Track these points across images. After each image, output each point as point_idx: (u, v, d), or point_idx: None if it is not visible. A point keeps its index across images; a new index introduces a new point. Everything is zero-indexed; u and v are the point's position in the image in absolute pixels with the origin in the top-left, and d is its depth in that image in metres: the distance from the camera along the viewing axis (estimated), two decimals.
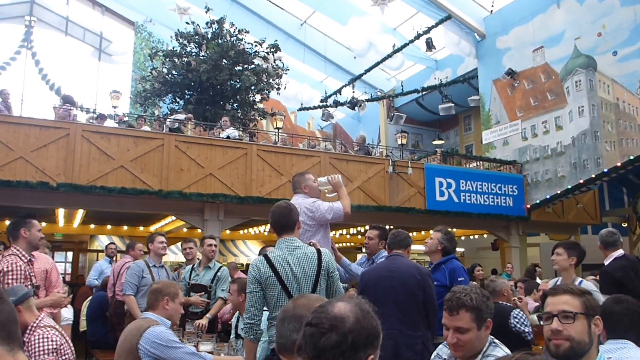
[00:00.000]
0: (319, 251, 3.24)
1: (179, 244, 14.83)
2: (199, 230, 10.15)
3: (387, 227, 11.74)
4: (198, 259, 6.07)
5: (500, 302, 4.41)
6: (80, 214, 11.33)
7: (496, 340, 2.35)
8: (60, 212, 11.16)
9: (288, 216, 3.25)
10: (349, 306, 1.41)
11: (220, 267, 5.77)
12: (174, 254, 15.95)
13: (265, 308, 3.20)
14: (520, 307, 4.54)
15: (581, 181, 11.15)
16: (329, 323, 1.36)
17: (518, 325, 4.20)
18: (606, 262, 4.75)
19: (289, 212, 3.26)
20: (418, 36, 14.44)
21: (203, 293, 5.47)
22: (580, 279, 3.83)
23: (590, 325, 2.04)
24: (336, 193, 4.30)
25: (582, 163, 11.29)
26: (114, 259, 8.95)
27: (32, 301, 2.88)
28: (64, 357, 2.66)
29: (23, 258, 3.88)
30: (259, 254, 3.49)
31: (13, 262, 3.80)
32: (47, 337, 2.63)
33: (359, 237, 15.37)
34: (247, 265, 16.71)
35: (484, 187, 11.75)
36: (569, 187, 11.43)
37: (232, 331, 4.70)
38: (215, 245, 5.89)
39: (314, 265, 3.15)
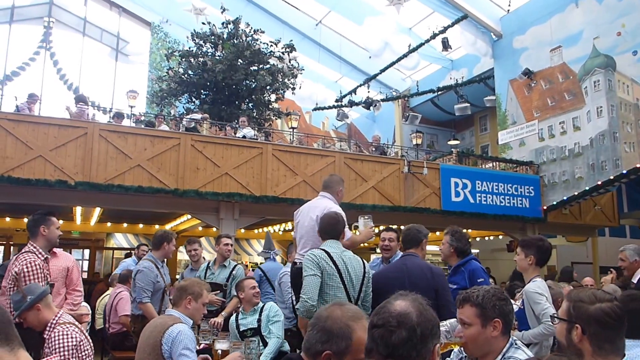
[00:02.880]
0: (362, 259, 3.68)
1: None
2: (214, 229, 10.20)
3: (402, 227, 11.75)
4: (204, 258, 6.07)
5: None
6: (97, 212, 11.45)
7: (518, 342, 2.34)
8: (78, 210, 11.29)
9: (335, 225, 3.68)
10: (408, 302, 1.49)
11: (236, 265, 5.78)
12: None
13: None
14: None
15: (599, 183, 11.01)
16: (395, 320, 1.43)
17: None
18: (635, 280, 4.71)
19: (336, 222, 3.69)
20: (434, 36, 14.37)
21: (219, 292, 5.48)
22: (538, 279, 3.59)
23: (570, 331, 2.04)
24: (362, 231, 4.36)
25: (600, 164, 11.14)
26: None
27: (49, 298, 2.91)
28: (83, 353, 2.69)
29: (40, 256, 3.86)
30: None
31: (30, 260, 3.75)
32: (67, 334, 2.66)
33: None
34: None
35: (499, 187, 11.66)
36: (587, 188, 11.29)
37: (235, 331, 4.61)
38: (231, 245, 5.88)
39: (361, 268, 3.60)
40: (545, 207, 12.08)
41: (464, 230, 4.37)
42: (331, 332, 1.71)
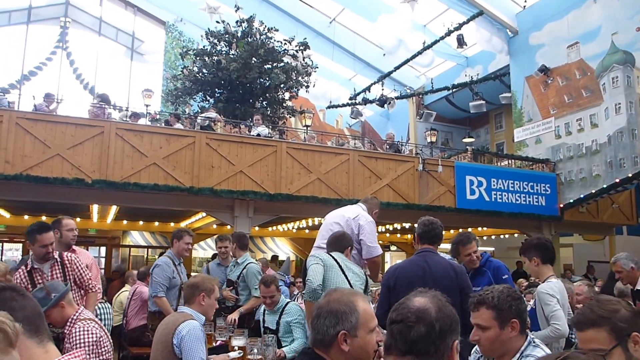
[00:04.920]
0: (366, 276, 4.03)
1: (208, 240, 15.05)
2: (229, 227, 10.24)
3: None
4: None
5: None
6: (113, 210, 11.55)
7: (537, 340, 2.31)
8: (95, 208, 11.40)
9: (339, 241, 4.01)
10: (427, 298, 1.50)
11: (248, 263, 5.77)
12: (203, 250, 16.15)
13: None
14: None
15: (617, 180, 10.87)
16: (414, 316, 1.44)
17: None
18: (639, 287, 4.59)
19: (341, 237, 4.02)
20: (449, 33, 14.27)
21: (232, 288, 5.53)
22: (553, 279, 3.46)
23: (626, 348, 1.82)
24: None
25: (618, 162, 11.00)
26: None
27: (70, 295, 2.96)
28: (103, 349, 2.72)
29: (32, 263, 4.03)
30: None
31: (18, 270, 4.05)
32: (88, 330, 2.70)
33: (387, 235, 15.30)
34: (272, 257, 16.79)
35: (515, 185, 11.56)
36: (604, 186, 11.15)
37: (262, 326, 4.73)
38: (226, 247, 5.89)
39: (363, 279, 3.92)
40: (561, 205, 11.95)
41: (468, 229, 4.41)
42: (338, 312, 1.76)
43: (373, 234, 4.41)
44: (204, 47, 15.17)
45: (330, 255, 3.92)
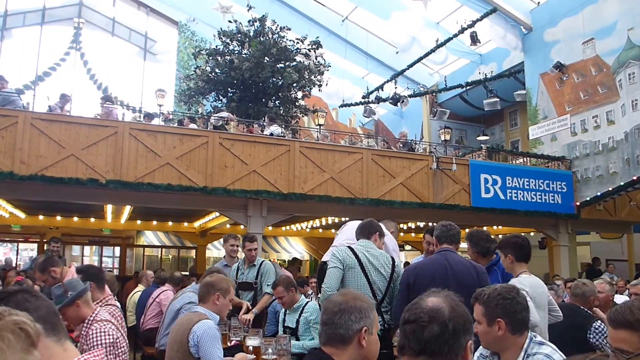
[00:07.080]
0: (392, 258, 3.77)
1: (221, 239, 15.10)
2: (242, 227, 10.24)
3: (431, 224, 11.65)
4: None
5: (583, 308, 4.13)
6: (127, 210, 11.61)
7: (538, 337, 2.32)
8: (109, 208, 11.47)
9: (367, 227, 3.85)
10: (440, 298, 1.50)
11: (262, 262, 5.80)
12: (217, 250, 16.20)
13: None
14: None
15: (634, 177, 10.71)
16: (427, 316, 1.44)
17: (600, 340, 3.85)
18: None
19: (369, 225, 3.88)
20: (462, 30, 14.15)
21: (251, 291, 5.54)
22: (523, 274, 3.50)
23: None
24: None
25: (635, 159, 10.83)
26: None
27: (89, 295, 2.95)
28: (119, 350, 2.71)
29: None
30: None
31: None
32: (104, 332, 2.69)
33: (402, 234, 15.22)
34: (289, 261, 16.79)
35: (531, 183, 11.44)
36: (622, 183, 11.00)
37: (280, 326, 4.74)
38: (255, 249, 5.82)
39: (389, 264, 3.70)
40: (578, 203, 11.81)
41: (483, 228, 4.28)
42: (362, 308, 1.87)
43: (395, 246, 4.39)
44: (216, 46, 15.19)
45: (353, 251, 3.66)
